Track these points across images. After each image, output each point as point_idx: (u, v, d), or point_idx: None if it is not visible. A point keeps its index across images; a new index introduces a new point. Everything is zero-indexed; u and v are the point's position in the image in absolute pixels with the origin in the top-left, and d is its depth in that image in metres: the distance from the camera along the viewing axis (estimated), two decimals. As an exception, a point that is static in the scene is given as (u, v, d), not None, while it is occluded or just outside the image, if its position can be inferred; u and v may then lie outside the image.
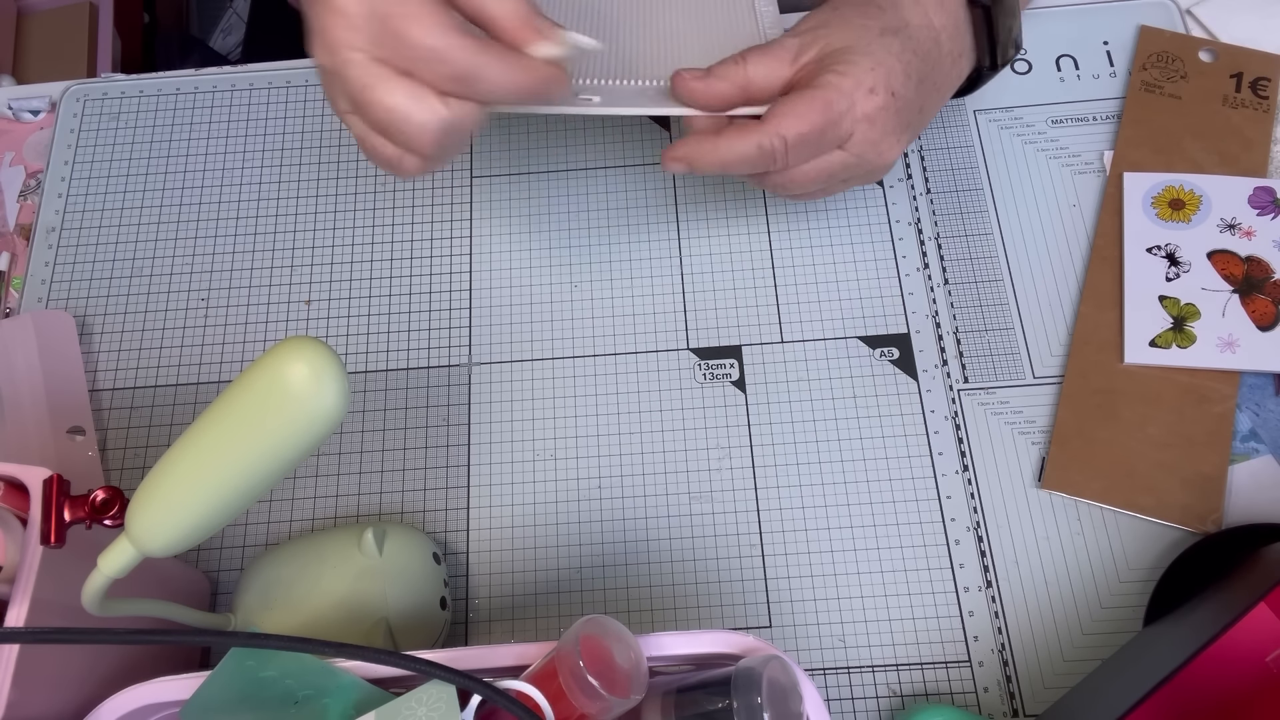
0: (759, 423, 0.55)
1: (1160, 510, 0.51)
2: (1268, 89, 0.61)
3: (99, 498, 0.38)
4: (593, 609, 0.52)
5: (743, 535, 0.53)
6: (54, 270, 0.62)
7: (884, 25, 0.47)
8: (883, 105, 0.46)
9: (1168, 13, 0.64)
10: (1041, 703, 0.48)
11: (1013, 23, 0.51)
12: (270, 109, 0.66)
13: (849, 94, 0.46)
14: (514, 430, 0.56)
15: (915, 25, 0.48)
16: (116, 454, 0.56)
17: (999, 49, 0.51)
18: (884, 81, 0.46)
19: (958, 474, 0.53)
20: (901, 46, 0.47)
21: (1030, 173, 0.61)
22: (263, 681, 0.37)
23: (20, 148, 0.66)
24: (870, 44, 0.46)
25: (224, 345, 0.59)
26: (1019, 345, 0.56)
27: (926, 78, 0.48)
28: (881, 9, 0.48)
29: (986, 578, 0.51)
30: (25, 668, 0.37)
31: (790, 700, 0.35)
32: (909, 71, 0.47)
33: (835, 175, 0.49)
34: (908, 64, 0.47)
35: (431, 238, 0.61)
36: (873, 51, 0.46)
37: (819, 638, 0.50)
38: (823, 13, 0.49)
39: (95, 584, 0.36)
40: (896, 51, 0.47)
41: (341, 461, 0.56)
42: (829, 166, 0.48)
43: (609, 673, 0.34)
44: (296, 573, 0.48)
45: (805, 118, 0.45)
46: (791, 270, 0.59)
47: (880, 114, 0.46)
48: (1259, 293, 0.55)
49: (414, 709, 0.34)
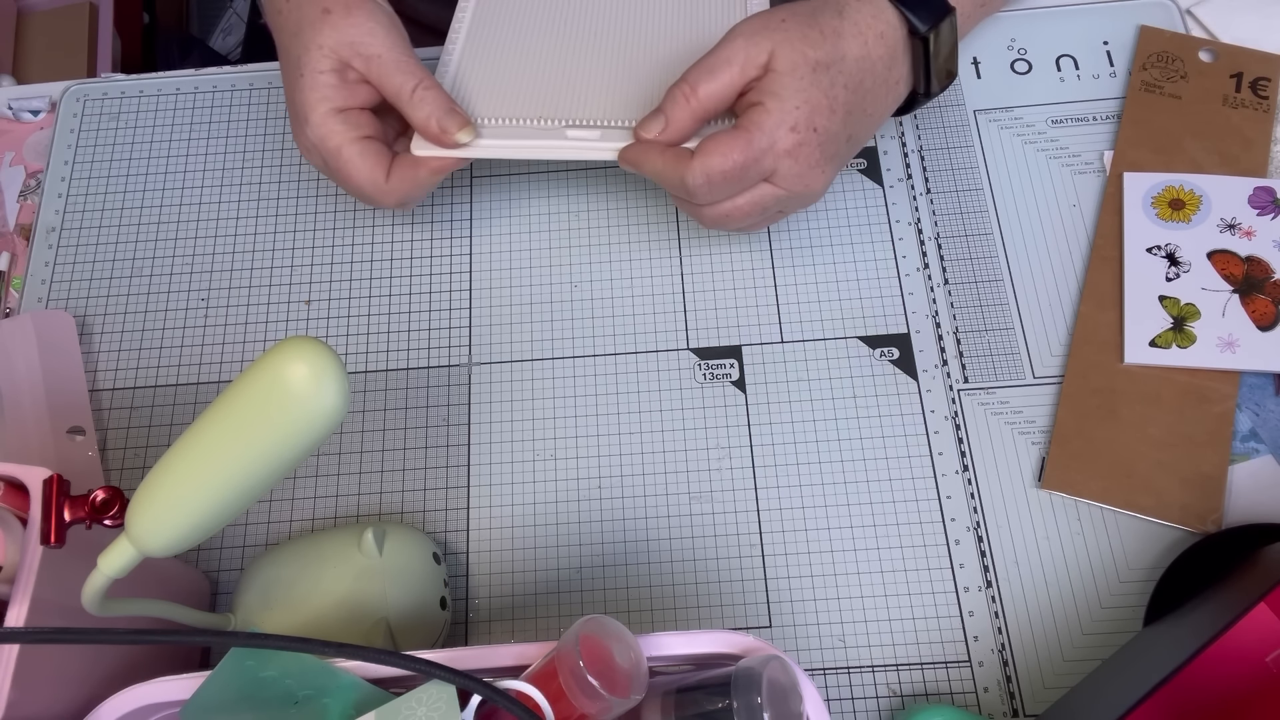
0: (759, 423, 0.55)
1: (1160, 510, 0.51)
2: (1268, 89, 0.61)
3: (99, 498, 0.38)
4: (593, 609, 0.52)
5: (743, 535, 0.53)
6: (54, 270, 0.62)
7: (818, 58, 0.49)
8: (802, 141, 0.49)
9: (1168, 13, 0.64)
10: (1041, 703, 0.48)
11: (948, 54, 0.53)
12: (270, 109, 0.66)
13: (770, 132, 0.48)
14: (514, 430, 0.56)
15: (851, 58, 0.50)
16: (116, 454, 0.56)
17: (933, 78, 0.53)
18: (806, 119, 0.48)
19: (958, 474, 0.53)
20: (831, 82, 0.49)
21: (1030, 173, 0.61)
22: (263, 681, 0.37)
23: (20, 148, 0.66)
24: (802, 78, 0.48)
25: (224, 345, 0.59)
26: (1019, 345, 0.56)
27: (856, 108, 0.51)
28: (823, 36, 0.49)
29: (986, 578, 0.51)
30: (25, 668, 0.37)
31: (790, 700, 0.35)
32: (834, 106, 0.49)
33: (768, 207, 0.51)
34: (834, 99, 0.49)
35: (431, 237, 0.61)
36: (802, 88, 0.48)
37: (819, 638, 0.50)
38: (773, 22, 0.50)
39: (95, 584, 0.36)
40: (825, 87, 0.49)
41: (341, 461, 0.56)
42: (759, 199, 0.51)
43: (609, 673, 0.34)
44: (296, 573, 0.48)
45: (728, 156, 0.48)
46: (791, 270, 0.59)
47: (801, 149, 0.49)
48: (1259, 293, 0.55)
49: (414, 709, 0.34)
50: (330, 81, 0.50)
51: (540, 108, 0.55)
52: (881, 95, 0.52)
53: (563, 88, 0.56)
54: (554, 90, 0.56)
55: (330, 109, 0.50)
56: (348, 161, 0.51)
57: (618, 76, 0.56)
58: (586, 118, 0.54)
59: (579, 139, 0.53)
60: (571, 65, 0.57)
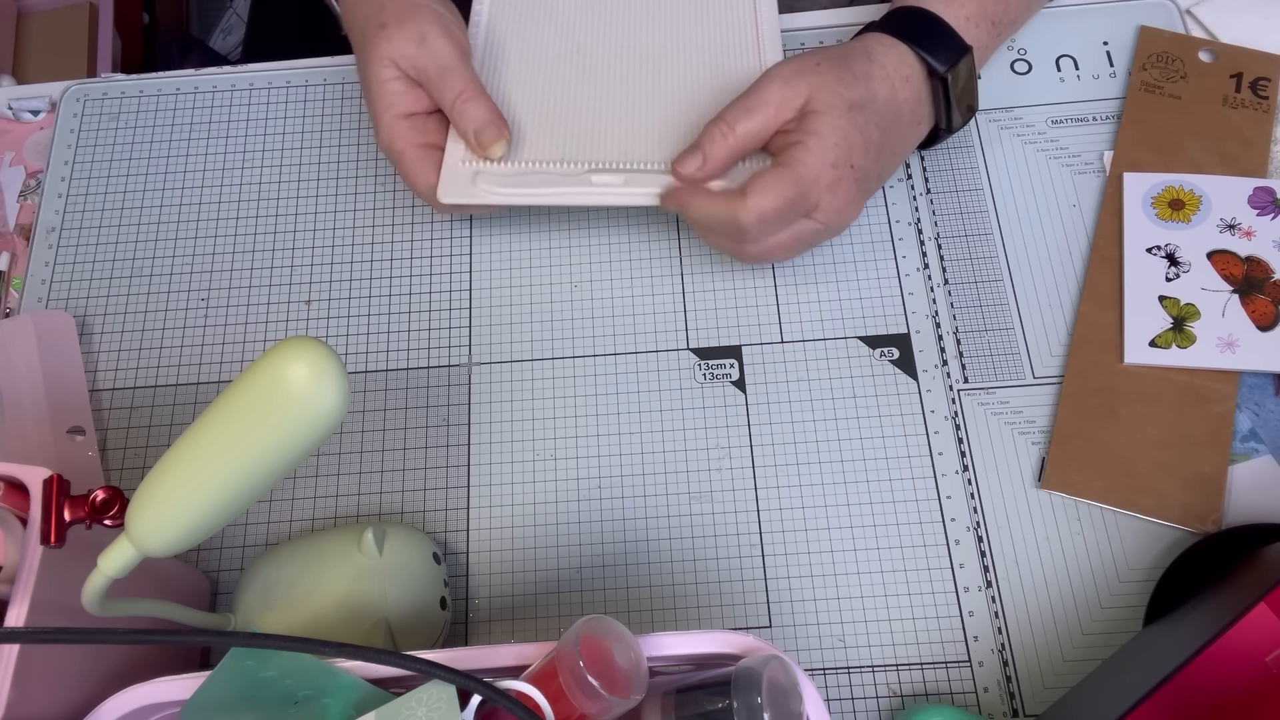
0: (759, 423, 0.55)
1: (1160, 510, 0.51)
2: (1268, 89, 0.61)
3: (99, 498, 0.38)
4: (593, 609, 0.52)
5: (743, 535, 0.53)
6: (54, 270, 0.62)
7: (853, 99, 0.51)
8: (840, 177, 0.51)
9: (1168, 13, 0.64)
10: (1041, 703, 0.48)
11: (964, 89, 0.56)
12: (270, 109, 0.66)
13: (814, 169, 0.50)
14: (514, 430, 0.56)
15: (881, 99, 0.53)
16: (116, 454, 0.56)
17: (954, 114, 0.56)
18: (845, 156, 0.51)
19: (958, 474, 0.53)
20: (865, 121, 0.52)
21: (1030, 173, 0.61)
22: (263, 681, 0.37)
23: (20, 148, 0.66)
24: (839, 118, 0.51)
25: (224, 345, 0.59)
26: (1019, 345, 0.56)
27: (884, 146, 0.53)
28: (856, 79, 0.52)
29: (986, 578, 0.51)
30: (25, 668, 0.37)
31: (790, 700, 0.35)
32: (868, 145, 0.52)
33: (805, 241, 0.54)
34: (868, 138, 0.52)
35: (431, 237, 0.61)
36: (840, 126, 0.51)
37: (819, 638, 0.50)
38: (808, 66, 0.52)
39: (95, 584, 0.36)
40: (860, 125, 0.51)
41: (341, 461, 0.56)
42: (800, 233, 0.53)
43: (609, 673, 0.34)
44: (296, 573, 0.48)
45: (779, 193, 0.50)
46: (791, 270, 0.59)
47: (839, 185, 0.51)
48: (1259, 293, 0.55)
49: (414, 709, 0.34)
50: (396, 89, 0.54)
51: (561, 150, 0.56)
52: (907, 133, 0.55)
53: (582, 128, 0.57)
54: (573, 131, 0.56)
55: (396, 114, 0.54)
56: (408, 165, 0.54)
57: (636, 117, 0.57)
58: (609, 160, 0.55)
59: (604, 184, 0.54)
60: (587, 104, 0.58)
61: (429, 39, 0.53)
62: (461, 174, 0.54)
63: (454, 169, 0.55)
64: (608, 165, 0.55)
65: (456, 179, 0.54)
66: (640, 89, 0.59)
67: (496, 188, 0.54)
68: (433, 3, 0.55)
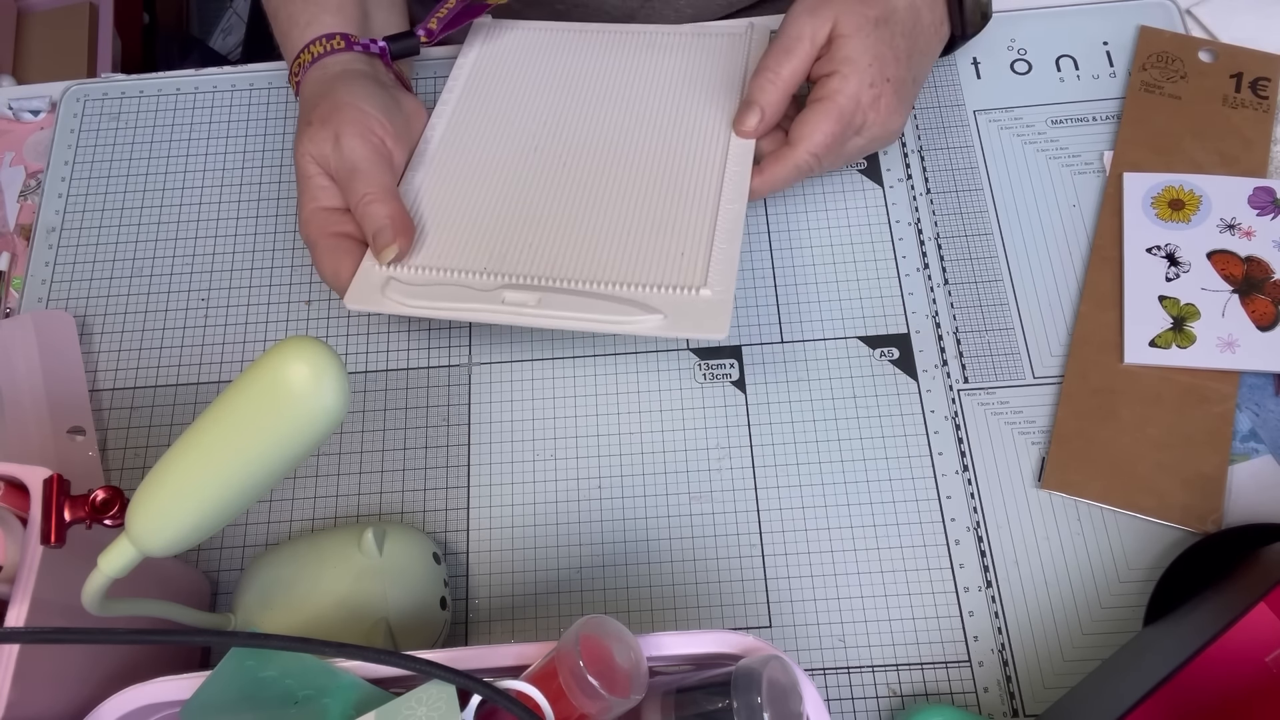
0: (759, 423, 0.55)
1: (1160, 510, 0.51)
2: (1268, 89, 0.61)
3: (99, 498, 0.38)
4: (593, 609, 0.52)
5: (743, 535, 0.53)
6: (54, 270, 0.62)
7: (876, 15, 0.54)
8: (881, 93, 0.54)
9: (1168, 13, 0.64)
10: (1041, 703, 0.48)
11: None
12: (270, 109, 0.66)
13: (855, 95, 0.53)
14: (514, 430, 0.56)
15: (901, 9, 0.55)
16: (116, 454, 0.56)
17: (967, 19, 0.59)
18: (880, 73, 0.54)
19: (958, 474, 0.53)
20: (891, 33, 0.54)
21: (1030, 173, 0.61)
22: (263, 681, 0.37)
23: (20, 148, 0.66)
24: (866, 37, 0.53)
25: (224, 345, 0.59)
26: (1019, 345, 0.56)
27: (913, 52, 0.56)
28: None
29: (986, 578, 0.51)
30: (25, 668, 0.37)
31: (790, 700, 0.35)
32: (898, 56, 0.54)
33: (865, 150, 0.57)
34: (897, 49, 0.54)
35: (431, 238, 0.61)
36: (869, 46, 0.53)
37: (819, 638, 0.50)
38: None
39: (95, 584, 0.36)
40: (887, 40, 0.54)
41: (341, 461, 0.56)
42: (852, 152, 0.56)
43: (609, 673, 0.34)
44: (296, 573, 0.48)
45: (826, 130, 0.53)
46: (791, 270, 0.59)
47: (880, 101, 0.54)
48: (1259, 293, 0.55)
49: (414, 709, 0.34)
50: (320, 184, 0.54)
51: (484, 260, 0.53)
52: (930, 35, 0.57)
53: (512, 238, 0.54)
54: (501, 241, 0.54)
55: (316, 207, 0.54)
56: (318, 255, 0.53)
57: (572, 231, 0.54)
58: (527, 275, 0.52)
59: (516, 304, 0.50)
60: (525, 212, 0.55)
61: (343, 139, 0.52)
62: (373, 280, 0.52)
63: (367, 273, 0.52)
64: (524, 281, 0.52)
65: (367, 285, 0.52)
66: (586, 202, 0.55)
67: (405, 299, 0.51)
68: (362, 102, 0.53)
